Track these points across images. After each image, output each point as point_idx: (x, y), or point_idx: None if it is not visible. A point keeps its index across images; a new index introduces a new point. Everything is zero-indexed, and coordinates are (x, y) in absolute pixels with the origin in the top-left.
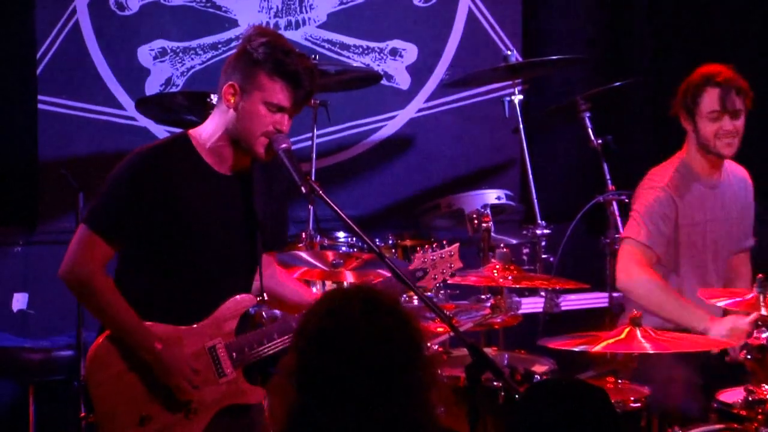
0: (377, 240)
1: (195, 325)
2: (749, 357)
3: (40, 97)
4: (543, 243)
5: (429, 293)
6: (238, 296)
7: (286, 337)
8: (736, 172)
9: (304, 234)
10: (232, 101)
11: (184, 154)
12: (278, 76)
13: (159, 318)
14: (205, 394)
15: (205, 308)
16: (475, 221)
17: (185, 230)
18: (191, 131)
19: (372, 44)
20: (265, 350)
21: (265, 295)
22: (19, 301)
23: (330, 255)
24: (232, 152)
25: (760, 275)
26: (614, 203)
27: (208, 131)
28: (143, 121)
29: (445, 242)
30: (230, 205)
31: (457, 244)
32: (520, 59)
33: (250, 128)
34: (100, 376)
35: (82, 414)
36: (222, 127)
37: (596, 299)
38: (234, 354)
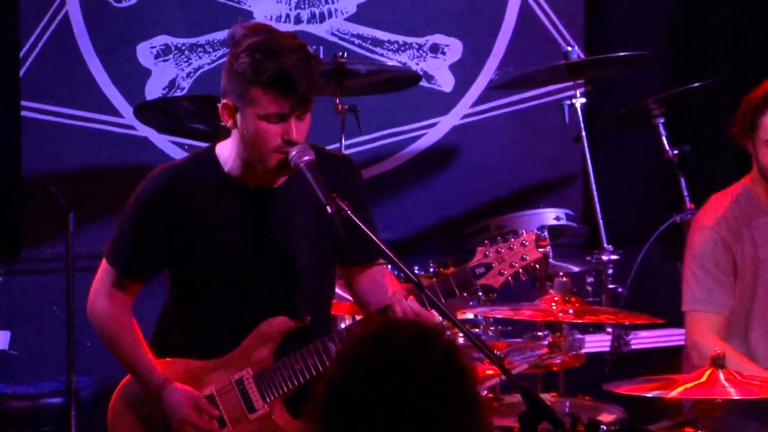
0: (415, 268)
1: (223, 358)
2: None
3: (23, 103)
4: (610, 271)
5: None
6: (269, 320)
7: (321, 360)
8: None
9: None
10: (231, 122)
11: (209, 172)
12: (265, 86)
13: (192, 353)
14: None
15: (237, 338)
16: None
17: (212, 256)
18: (219, 145)
19: (409, 39)
20: (299, 377)
21: (308, 317)
22: (0, 341)
23: None
24: (254, 170)
25: None
26: None
27: (228, 149)
28: (143, 130)
29: (522, 232)
30: (265, 222)
31: (534, 231)
32: (582, 56)
33: (257, 148)
34: (120, 423)
35: None
36: (235, 147)
37: (672, 337)
38: (264, 385)
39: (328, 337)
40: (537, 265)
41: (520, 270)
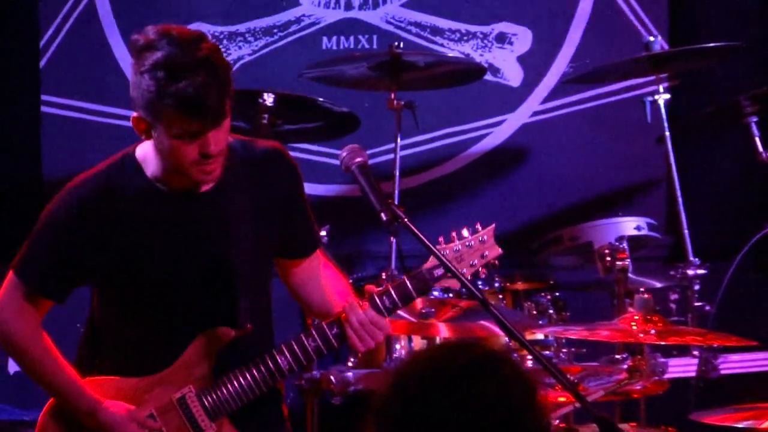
0: (479, 283)
1: (161, 374)
2: None
3: (43, 98)
4: (696, 287)
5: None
6: (208, 331)
7: (271, 376)
8: None
9: (384, 274)
10: (144, 136)
11: (131, 179)
12: (173, 108)
13: (125, 370)
14: None
15: (174, 352)
16: (608, 259)
17: (141, 267)
18: (139, 147)
19: (473, 28)
20: (248, 394)
21: (249, 325)
22: None
23: (418, 302)
24: (178, 177)
25: None
26: None
27: (150, 155)
28: None
29: (478, 225)
30: (195, 229)
31: (492, 226)
32: (666, 48)
33: (174, 164)
34: None
35: None
36: (155, 155)
37: (766, 361)
38: (210, 404)
39: (277, 350)
40: (496, 262)
41: (480, 268)
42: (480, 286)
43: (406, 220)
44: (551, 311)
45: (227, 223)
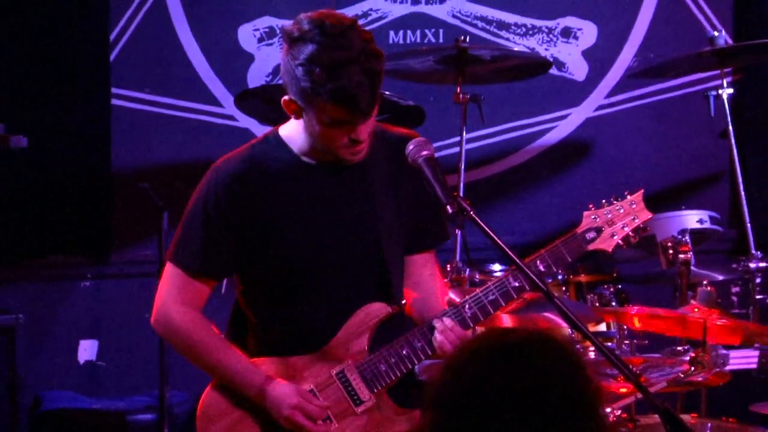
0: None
1: (318, 351)
2: None
3: (113, 90)
4: (758, 280)
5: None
6: (364, 307)
7: (428, 343)
8: None
9: (449, 266)
10: (296, 116)
11: (277, 156)
12: (327, 102)
13: (281, 350)
14: (345, 429)
15: (330, 329)
16: (671, 252)
17: (289, 246)
18: (281, 128)
19: (539, 22)
20: (406, 364)
21: (404, 301)
22: (87, 351)
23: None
24: (326, 153)
25: None
26: None
27: (294, 132)
28: (244, 121)
29: (626, 192)
30: (344, 202)
31: (641, 190)
32: (730, 42)
33: (325, 145)
34: (212, 430)
35: None
36: (302, 132)
37: None
38: (368, 375)
39: (434, 317)
40: (646, 227)
41: (631, 233)
42: (545, 279)
43: (471, 212)
44: (614, 303)
45: (373, 197)
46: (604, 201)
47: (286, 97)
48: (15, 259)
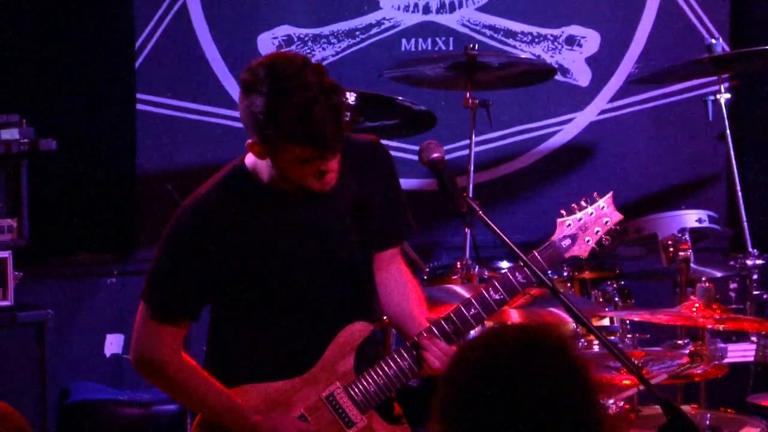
0: (549, 272)
1: (304, 375)
2: None
3: (138, 96)
4: (755, 276)
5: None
6: (347, 327)
7: (416, 362)
8: None
9: (459, 264)
10: (260, 158)
11: (246, 187)
12: (295, 143)
13: (264, 376)
14: None
15: (314, 351)
16: (671, 250)
17: (264, 273)
18: (247, 157)
19: (544, 31)
20: (395, 383)
21: (385, 317)
22: (113, 344)
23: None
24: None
25: None
26: None
27: (260, 164)
28: None
29: (595, 195)
30: (316, 224)
31: (610, 193)
32: (727, 49)
33: (293, 179)
34: None
35: None
36: (270, 167)
37: None
38: (358, 397)
39: (418, 335)
40: (618, 227)
41: (604, 236)
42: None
43: (480, 212)
44: (617, 299)
45: (343, 217)
46: (574, 205)
47: (249, 141)
48: (45, 257)
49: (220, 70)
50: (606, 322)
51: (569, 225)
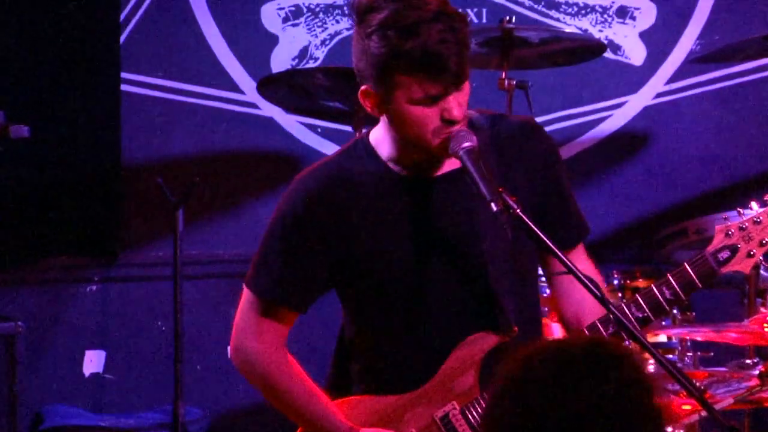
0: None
1: (419, 390)
2: None
3: (123, 75)
4: None
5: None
6: (470, 338)
7: None
8: None
9: None
10: (375, 109)
11: (368, 166)
12: (409, 71)
13: (382, 383)
14: None
15: (434, 362)
16: None
17: (389, 266)
18: (372, 133)
19: (591, 1)
20: None
21: (515, 327)
22: (94, 362)
23: None
24: (417, 156)
25: None
26: None
27: (382, 136)
28: (268, 109)
29: (766, 197)
30: (440, 217)
31: None
32: None
33: (413, 134)
34: None
35: None
36: (388, 133)
37: None
38: (474, 419)
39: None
40: None
41: None
42: (599, 285)
43: (518, 210)
44: (675, 311)
45: (475, 208)
46: (739, 210)
47: (363, 87)
48: (14, 261)
49: (218, 46)
50: (662, 338)
51: (729, 233)
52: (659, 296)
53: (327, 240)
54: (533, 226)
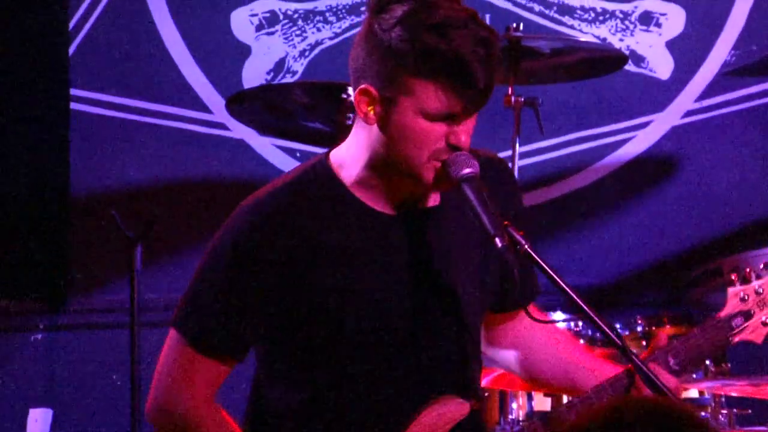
0: (618, 325)
1: None
2: None
3: (73, 92)
4: None
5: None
6: (436, 404)
7: None
8: None
9: None
10: (371, 114)
11: (324, 191)
12: (433, 78)
13: None
14: None
15: (394, 427)
16: None
17: (338, 306)
18: (334, 152)
19: (611, 5)
20: None
21: (486, 393)
22: (39, 422)
23: None
24: (394, 183)
25: None
26: None
27: (350, 155)
28: (239, 131)
29: None
30: (410, 257)
31: None
32: None
33: (408, 152)
34: None
35: None
36: (366, 150)
37: None
38: None
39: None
40: None
41: None
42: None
43: (527, 246)
44: (708, 362)
45: (449, 250)
46: (749, 270)
47: (362, 86)
48: None
49: (181, 58)
50: (693, 393)
51: (744, 297)
52: (663, 365)
53: (275, 278)
54: (545, 265)
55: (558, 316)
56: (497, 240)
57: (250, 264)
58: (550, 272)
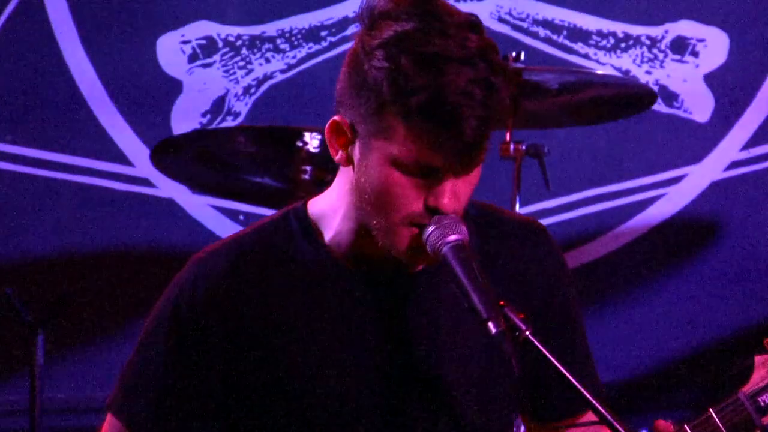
0: (643, 431)
1: None
2: None
3: None
4: None
5: None
6: None
7: None
8: None
9: None
10: (342, 154)
11: (300, 248)
12: (406, 115)
13: None
14: None
15: None
16: None
17: (313, 396)
18: (313, 201)
19: (635, 29)
20: None
21: None
22: None
23: None
24: (376, 246)
25: None
26: None
27: (329, 203)
28: (167, 188)
29: None
30: (398, 332)
31: None
32: None
33: (376, 210)
34: None
35: None
36: (344, 198)
37: None
38: None
39: None
40: None
41: None
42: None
43: (527, 332)
44: None
45: (439, 331)
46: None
47: (336, 117)
48: None
49: (95, 98)
50: None
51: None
52: None
53: (224, 351)
54: (552, 357)
55: None
56: (491, 325)
57: (194, 332)
58: (557, 364)
